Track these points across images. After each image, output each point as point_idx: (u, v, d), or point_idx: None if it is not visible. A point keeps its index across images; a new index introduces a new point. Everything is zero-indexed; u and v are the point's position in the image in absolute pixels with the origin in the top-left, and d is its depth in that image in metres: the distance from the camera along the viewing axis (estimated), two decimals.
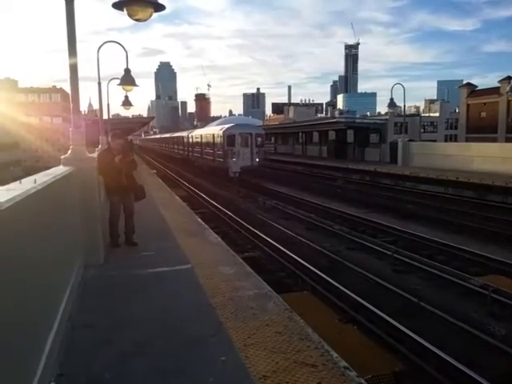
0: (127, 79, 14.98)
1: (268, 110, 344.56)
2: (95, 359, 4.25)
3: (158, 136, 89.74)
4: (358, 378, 3.79)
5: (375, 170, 29.41)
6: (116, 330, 4.87)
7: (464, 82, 62.93)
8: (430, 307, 8.30)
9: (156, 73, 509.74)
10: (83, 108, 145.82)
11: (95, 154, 9.45)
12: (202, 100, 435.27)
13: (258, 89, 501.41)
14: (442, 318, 7.93)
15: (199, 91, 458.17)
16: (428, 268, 10.41)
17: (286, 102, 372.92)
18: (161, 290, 6.19)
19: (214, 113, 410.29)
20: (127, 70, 14.83)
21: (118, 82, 15.76)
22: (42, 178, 4.77)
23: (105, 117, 22.87)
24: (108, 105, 23.79)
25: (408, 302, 8.65)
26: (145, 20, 9.05)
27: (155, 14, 7.15)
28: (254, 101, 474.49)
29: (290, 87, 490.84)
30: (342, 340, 6.68)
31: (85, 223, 7.03)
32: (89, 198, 7.18)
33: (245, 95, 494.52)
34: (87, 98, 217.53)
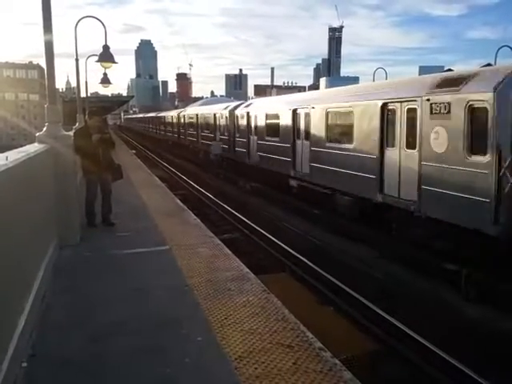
0: (106, 56, 14.61)
1: (250, 92, 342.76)
2: (69, 339, 4.21)
3: (151, 115, 67.11)
4: (333, 359, 3.83)
5: None
6: (91, 311, 4.82)
7: (445, 69, 63.36)
8: None
9: (136, 50, 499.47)
10: (61, 85, 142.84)
11: (71, 132, 9.24)
12: (183, 80, 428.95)
13: (241, 70, 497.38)
14: None
15: (181, 71, 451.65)
16: None
17: (269, 83, 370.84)
18: (137, 270, 6.14)
19: (195, 93, 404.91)
20: (106, 47, 14.44)
21: (97, 58, 15.37)
22: (15, 155, 4.65)
23: (83, 95, 22.40)
24: (86, 82, 23.32)
25: None
26: None
27: None
28: (236, 82, 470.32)
29: (272, 69, 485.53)
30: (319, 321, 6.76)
31: (60, 202, 6.89)
32: (64, 177, 7.03)
33: (227, 76, 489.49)
34: (65, 75, 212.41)
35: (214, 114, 26.33)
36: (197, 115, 31.42)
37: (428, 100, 9.13)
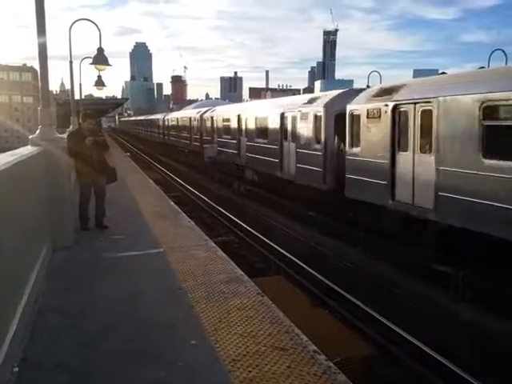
0: (100, 58, 14.60)
1: (245, 95, 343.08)
2: (61, 343, 4.17)
3: (155, 117, 55.22)
4: (327, 362, 3.82)
5: None
6: (83, 314, 4.78)
7: (439, 72, 63.62)
8: None
9: (131, 53, 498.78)
10: (55, 87, 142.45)
11: (65, 135, 9.20)
12: (178, 82, 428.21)
13: (236, 72, 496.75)
14: None
15: (175, 73, 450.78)
16: None
17: (264, 86, 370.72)
18: (131, 273, 6.10)
19: (190, 96, 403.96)
20: (100, 49, 14.45)
21: (91, 61, 15.33)
22: (8, 157, 4.61)
23: (77, 97, 22.30)
24: (80, 85, 23.24)
25: None
26: None
27: None
28: (231, 84, 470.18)
29: (267, 72, 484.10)
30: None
31: (53, 205, 6.85)
32: (57, 180, 6.98)
33: (222, 79, 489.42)
34: (59, 77, 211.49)
35: (282, 114, 16.69)
36: (238, 116, 21.79)
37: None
